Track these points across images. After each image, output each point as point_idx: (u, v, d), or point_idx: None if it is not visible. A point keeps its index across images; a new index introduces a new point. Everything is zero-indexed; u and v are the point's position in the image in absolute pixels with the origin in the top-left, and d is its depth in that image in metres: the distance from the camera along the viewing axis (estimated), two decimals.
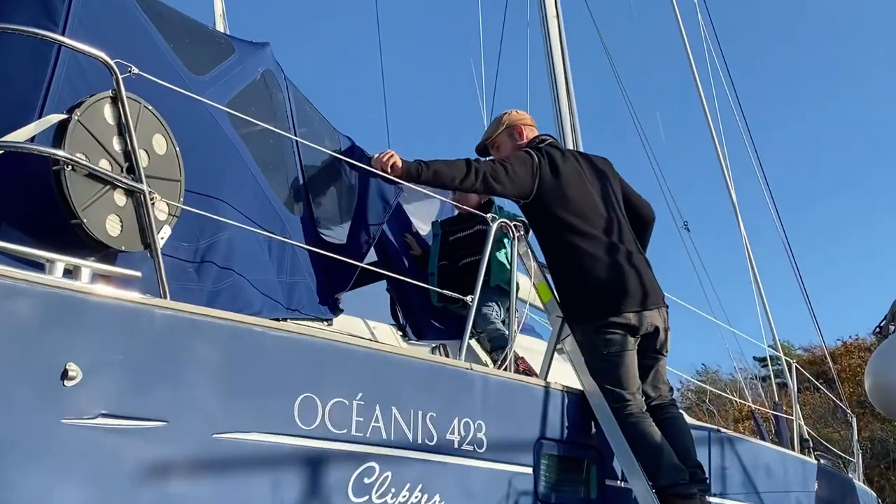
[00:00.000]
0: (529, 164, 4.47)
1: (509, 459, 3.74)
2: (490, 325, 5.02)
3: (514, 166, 4.41)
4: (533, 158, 4.50)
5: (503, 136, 4.94)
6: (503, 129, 4.94)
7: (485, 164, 4.35)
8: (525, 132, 4.90)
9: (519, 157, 4.50)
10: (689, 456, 4.25)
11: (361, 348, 3.33)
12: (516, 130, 4.91)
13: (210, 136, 3.72)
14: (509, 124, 4.94)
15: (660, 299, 4.50)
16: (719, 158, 9.88)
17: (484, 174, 4.29)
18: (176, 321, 2.73)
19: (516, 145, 4.85)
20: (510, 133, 4.92)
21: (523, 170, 4.43)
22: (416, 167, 4.23)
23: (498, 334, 5.00)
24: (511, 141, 4.90)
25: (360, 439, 3.16)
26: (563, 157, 4.64)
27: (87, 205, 2.80)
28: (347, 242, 4.29)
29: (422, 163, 4.25)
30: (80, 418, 2.46)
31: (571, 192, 4.49)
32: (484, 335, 5.05)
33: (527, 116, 5.03)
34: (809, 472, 6.60)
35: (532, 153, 4.54)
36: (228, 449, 2.79)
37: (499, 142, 4.96)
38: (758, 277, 8.97)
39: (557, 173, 4.51)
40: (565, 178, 4.52)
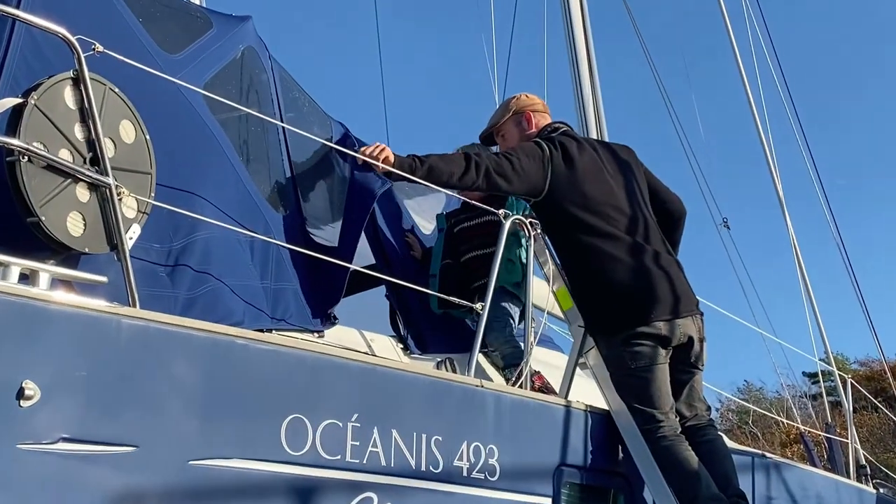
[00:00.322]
0: (539, 156, 4.46)
1: (526, 489, 3.74)
2: (502, 337, 4.94)
3: (522, 159, 4.40)
4: (543, 150, 4.49)
5: (509, 124, 4.94)
6: (510, 115, 4.94)
7: (488, 157, 4.34)
8: (535, 119, 4.89)
9: (527, 149, 4.48)
10: (729, 484, 4.23)
11: (357, 363, 3.34)
12: (524, 117, 4.91)
13: (185, 122, 3.72)
14: (517, 110, 4.94)
15: (693, 306, 4.49)
16: (764, 148, 9.86)
17: (486, 169, 4.27)
18: (147, 332, 2.73)
19: (525, 134, 4.85)
20: (518, 121, 4.92)
21: (532, 163, 4.42)
22: (410, 163, 4.21)
23: (511, 349, 4.90)
24: (518, 129, 4.90)
25: (355, 466, 3.16)
26: (579, 147, 4.63)
27: (46, 201, 2.80)
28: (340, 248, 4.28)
29: (416, 158, 4.24)
30: (39, 443, 2.47)
31: (589, 188, 4.48)
32: (496, 352, 5.00)
33: (537, 101, 5.02)
34: (868, 502, 6.58)
35: (542, 144, 4.53)
36: (207, 477, 2.79)
37: (505, 130, 4.96)
38: (807, 281, 8.95)
39: (572, 166, 4.50)
40: (581, 172, 4.51)
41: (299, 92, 4.72)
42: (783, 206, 9.30)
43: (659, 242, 4.57)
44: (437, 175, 4.24)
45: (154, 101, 3.44)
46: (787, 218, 9.33)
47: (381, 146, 4.24)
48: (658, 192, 4.87)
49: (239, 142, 4.12)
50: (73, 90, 2.94)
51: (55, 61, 3.09)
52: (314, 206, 4.63)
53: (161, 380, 2.75)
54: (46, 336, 2.53)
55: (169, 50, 3.83)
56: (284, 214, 4.26)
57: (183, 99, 3.71)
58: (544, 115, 4.95)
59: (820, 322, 8.93)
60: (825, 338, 9.07)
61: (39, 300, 2.54)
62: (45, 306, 2.54)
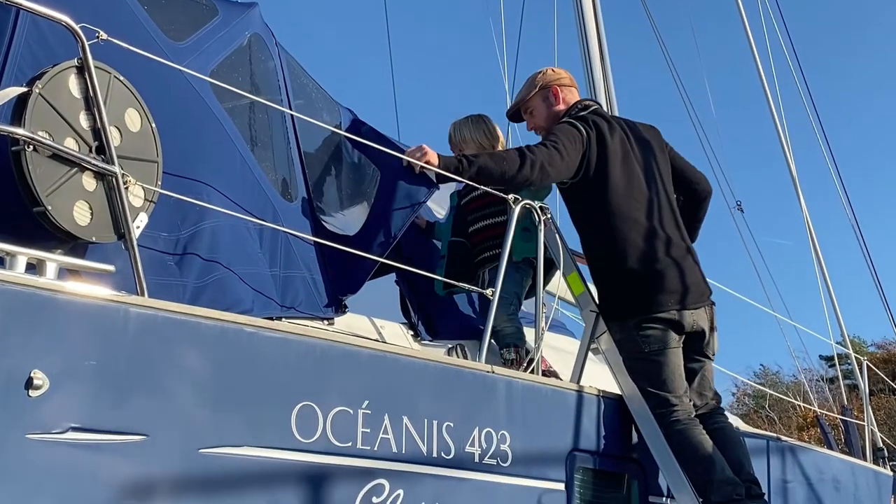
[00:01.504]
0: (578, 139, 4.45)
1: (538, 474, 3.74)
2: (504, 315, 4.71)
3: (568, 146, 4.38)
4: (581, 132, 4.48)
5: (537, 100, 4.90)
6: (537, 90, 4.90)
7: (539, 150, 4.29)
8: (562, 94, 4.86)
9: (568, 134, 4.45)
10: (742, 469, 4.22)
11: (367, 350, 3.33)
12: (551, 92, 4.87)
13: (191, 110, 3.72)
14: (543, 85, 4.89)
15: (706, 296, 4.52)
16: (777, 130, 9.80)
17: (542, 164, 4.24)
18: (155, 321, 2.73)
19: (553, 111, 4.83)
20: (545, 96, 4.88)
21: (573, 146, 4.41)
22: (457, 164, 4.18)
23: (512, 329, 4.75)
24: (546, 105, 4.87)
25: (367, 453, 3.16)
26: (610, 127, 4.62)
27: (52, 190, 2.80)
28: (361, 240, 4.23)
29: (464, 158, 4.21)
30: (48, 433, 2.47)
31: (618, 172, 4.49)
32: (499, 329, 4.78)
33: (564, 75, 4.98)
34: (884, 484, 6.56)
35: (579, 126, 4.51)
36: (217, 465, 2.79)
37: (532, 105, 4.92)
38: (822, 262, 8.91)
39: (604, 148, 4.51)
40: (612, 155, 4.51)
41: (307, 78, 4.72)
42: (797, 188, 9.25)
43: (676, 229, 4.58)
44: (487, 175, 4.20)
45: (160, 89, 3.44)
46: (801, 199, 9.28)
47: (424, 148, 4.20)
48: (684, 172, 4.87)
49: (246, 129, 4.11)
50: (77, 79, 2.94)
51: (59, 50, 3.09)
52: (324, 194, 4.62)
53: (170, 368, 2.75)
54: (54, 325, 2.53)
55: (174, 37, 3.83)
56: (293, 202, 4.26)
57: (189, 87, 3.71)
58: (571, 90, 4.92)
59: (836, 304, 8.89)
60: (841, 320, 9.02)
61: (47, 290, 2.53)
62: (52, 296, 2.54)
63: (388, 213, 4.27)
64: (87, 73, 2.93)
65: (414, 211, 4.28)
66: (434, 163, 4.17)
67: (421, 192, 4.25)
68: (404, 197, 4.27)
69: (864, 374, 8.13)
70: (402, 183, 4.28)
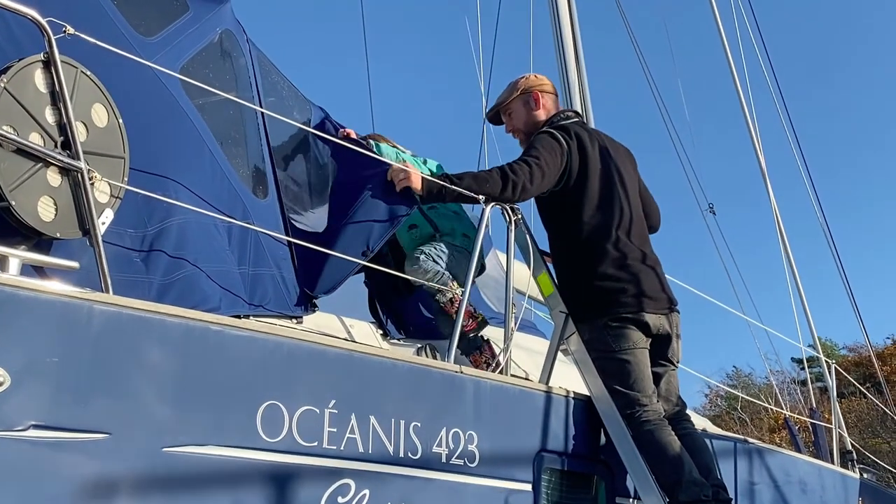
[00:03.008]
0: (559, 153, 4.51)
1: (506, 475, 3.74)
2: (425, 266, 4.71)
3: (549, 162, 4.43)
4: (562, 145, 4.53)
5: (517, 103, 4.94)
6: (518, 94, 4.94)
7: (521, 170, 4.32)
8: (542, 101, 4.91)
9: (549, 148, 4.50)
10: (710, 474, 4.26)
11: (335, 349, 3.32)
12: (532, 97, 4.91)
13: (159, 106, 3.69)
14: (525, 89, 4.94)
15: (672, 304, 4.60)
16: (750, 132, 9.87)
17: (523, 185, 4.30)
18: (120, 318, 2.71)
19: (532, 115, 4.88)
20: (525, 100, 4.93)
21: (554, 161, 4.47)
22: (440, 188, 4.24)
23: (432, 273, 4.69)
24: (526, 109, 4.92)
25: (333, 453, 3.15)
26: (591, 141, 4.69)
27: (16, 185, 2.77)
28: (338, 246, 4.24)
29: (447, 179, 4.25)
30: (9, 430, 2.45)
31: (596, 184, 4.56)
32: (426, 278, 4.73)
33: (546, 82, 5.03)
34: (851, 487, 6.61)
35: (560, 139, 4.55)
36: (181, 465, 2.78)
37: (512, 108, 4.97)
38: (793, 265, 8.98)
39: (585, 160, 4.57)
40: (592, 167, 4.58)
41: (278, 76, 4.70)
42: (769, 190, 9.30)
43: (647, 243, 4.69)
44: (468, 198, 4.28)
45: (128, 84, 3.41)
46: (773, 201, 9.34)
47: (407, 169, 4.25)
48: (643, 200, 4.93)
49: (217, 126, 4.07)
50: (43, 73, 2.92)
51: (26, 44, 3.05)
52: (294, 192, 4.60)
53: (134, 366, 2.73)
54: (17, 322, 2.51)
55: (144, 32, 3.79)
56: (263, 200, 4.23)
57: (158, 82, 3.68)
58: (551, 97, 4.98)
59: (806, 307, 8.96)
60: (811, 323, 9.10)
61: (9, 286, 2.51)
62: (15, 292, 2.51)
63: (367, 223, 4.28)
64: (53, 68, 2.91)
65: (394, 225, 4.31)
66: (416, 186, 4.22)
67: (401, 208, 4.29)
68: (385, 210, 4.30)
69: (833, 375, 8.20)
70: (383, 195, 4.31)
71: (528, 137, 4.82)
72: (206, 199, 3.70)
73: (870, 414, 32.56)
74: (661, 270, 4.63)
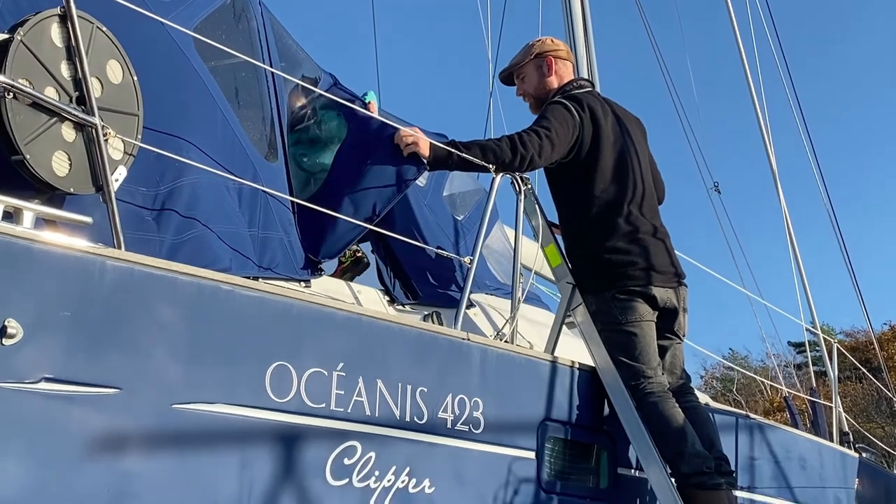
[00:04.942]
0: (571, 125, 4.47)
1: (509, 442, 3.76)
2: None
3: (560, 133, 4.39)
4: (574, 117, 4.49)
5: (530, 67, 4.91)
6: (531, 58, 4.90)
7: (531, 141, 4.29)
8: (555, 66, 4.86)
9: (561, 119, 4.46)
10: (713, 447, 4.28)
11: (343, 313, 3.33)
12: (546, 62, 4.87)
13: (173, 65, 3.68)
14: (539, 53, 4.89)
15: (680, 277, 4.60)
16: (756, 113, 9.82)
17: (532, 158, 4.27)
18: (132, 275, 2.71)
19: (544, 81, 4.85)
20: (538, 64, 4.88)
21: (566, 134, 4.43)
22: (447, 154, 4.22)
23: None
24: (538, 74, 4.88)
25: (340, 415, 3.16)
26: (603, 110, 4.65)
27: (31, 139, 2.76)
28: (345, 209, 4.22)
29: (454, 147, 4.23)
30: (21, 382, 2.46)
31: (607, 156, 4.54)
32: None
33: (562, 48, 4.98)
34: (850, 466, 6.63)
35: (573, 110, 4.51)
36: (190, 421, 2.79)
37: (525, 72, 4.93)
38: (795, 245, 8.96)
39: (597, 131, 4.54)
40: (605, 139, 4.55)
41: (290, 40, 4.68)
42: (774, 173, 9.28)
43: (656, 217, 4.68)
44: (475, 166, 4.26)
45: (142, 42, 3.40)
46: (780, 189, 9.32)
47: (414, 133, 4.23)
48: (652, 173, 4.89)
49: (229, 88, 4.07)
50: (59, 27, 2.90)
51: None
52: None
53: (145, 323, 2.73)
54: (30, 275, 2.51)
55: None
56: (274, 163, 4.23)
57: (172, 42, 3.67)
58: (566, 64, 4.93)
59: (807, 288, 8.95)
60: (812, 305, 9.09)
61: (23, 239, 2.51)
62: (28, 245, 2.51)
63: (374, 188, 4.27)
64: (69, 23, 2.89)
65: (401, 190, 4.29)
66: (424, 152, 4.20)
67: (410, 170, 4.27)
68: (392, 174, 4.28)
69: (834, 357, 8.21)
70: (391, 159, 4.29)
71: (538, 103, 4.80)
72: (218, 161, 3.70)
73: (865, 399, 32.71)
74: (670, 243, 4.63)
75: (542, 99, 4.77)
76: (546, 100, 4.72)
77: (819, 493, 5.92)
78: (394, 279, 4.92)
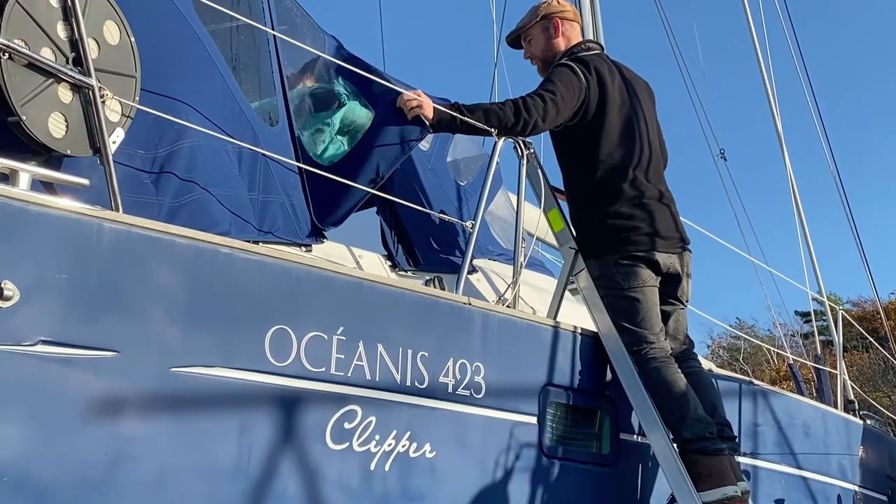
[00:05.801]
0: (577, 88, 4.41)
1: (511, 407, 3.75)
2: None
3: (565, 97, 4.34)
4: (580, 79, 4.43)
5: (537, 29, 4.84)
6: (538, 20, 4.83)
7: (535, 105, 4.24)
8: (562, 28, 4.79)
9: (567, 81, 4.40)
10: (716, 412, 4.27)
11: (344, 276, 3.31)
12: (552, 23, 4.79)
13: (172, 27, 3.63)
14: (545, 15, 4.82)
15: (685, 243, 4.58)
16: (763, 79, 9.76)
17: (535, 122, 4.23)
18: (129, 237, 2.70)
19: (551, 43, 4.78)
20: (545, 26, 4.82)
21: (571, 97, 4.38)
22: (450, 118, 4.19)
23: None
24: (545, 36, 4.81)
25: (340, 379, 3.16)
26: (610, 72, 4.59)
27: (27, 100, 2.73)
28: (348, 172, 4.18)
29: (458, 110, 4.20)
30: (18, 345, 2.45)
31: (614, 119, 4.49)
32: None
33: (569, 9, 4.90)
34: (854, 433, 6.63)
35: (579, 72, 4.46)
36: (189, 385, 2.79)
37: (531, 34, 4.87)
38: (801, 211, 8.92)
39: (604, 95, 4.48)
40: (611, 102, 4.50)
41: (291, 3, 4.63)
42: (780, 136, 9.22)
43: (662, 181, 4.63)
44: (480, 129, 4.23)
45: (140, 3, 3.37)
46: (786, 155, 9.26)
47: (420, 96, 4.21)
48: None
49: (228, 51, 4.04)
50: None
51: None
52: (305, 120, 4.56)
53: (143, 286, 2.72)
54: (26, 237, 2.50)
55: None
56: (274, 128, 4.20)
57: (170, 3, 3.63)
58: (573, 25, 4.85)
59: (813, 255, 8.90)
60: (818, 273, 9.05)
61: (19, 200, 2.49)
62: (25, 207, 2.50)
63: (377, 150, 4.25)
64: None
65: (404, 151, 4.26)
66: (428, 115, 4.17)
67: (414, 131, 4.24)
68: (396, 135, 4.25)
69: (840, 325, 8.20)
70: (395, 120, 4.26)
71: (545, 65, 4.75)
72: (217, 124, 3.67)
73: (871, 368, 32.71)
74: (675, 209, 4.59)
75: (550, 61, 4.72)
76: (553, 62, 4.67)
77: (822, 460, 5.92)
78: (397, 244, 4.90)
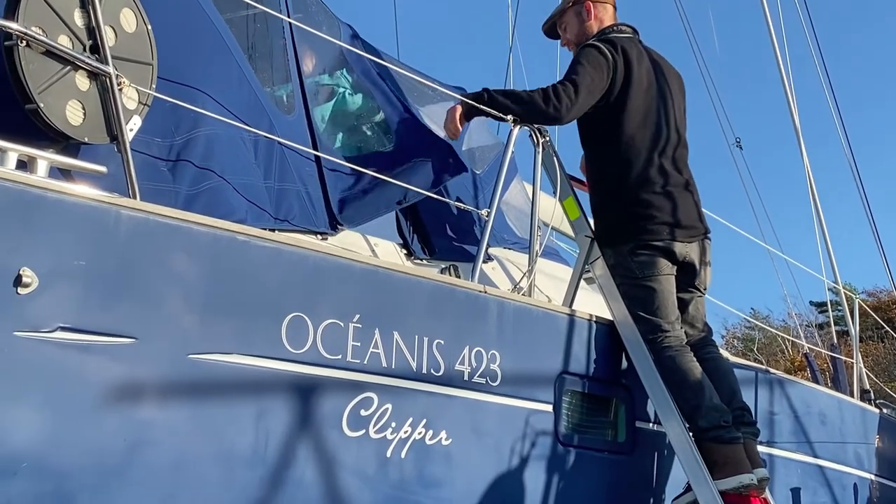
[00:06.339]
0: (605, 68, 4.35)
1: (527, 395, 3.75)
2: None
3: (594, 78, 4.30)
4: (607, 60, 4.37)
5: (570, 14, 4.77)
6: (570, 5, 4.76)
7: (565, 94, 4.20)
8: (595, 10, 4.69)
9: (595, 63, 4.34)
10: (734, 398, 4.27)
11: (360, 264, 3.31)
12: (584, 7, 4.70)
13: (189, 15, 3.64)
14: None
15: (701, 231, 4.53)
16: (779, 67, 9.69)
17: (565, 110, 4.20)
18: (147, 225, 2.71)
19: (584, 27, 4.70)
20: (578, 11, 4.73)
21: (600, 78, 4.33)
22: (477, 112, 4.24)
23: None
24: (578, 21, 4.73)
25: (356, 366, 3.16)
26: (639, 55, 4.53)
27: (45, 87, 2.74)
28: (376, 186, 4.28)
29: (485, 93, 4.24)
30: (36, 331, 2.46)
31: (639, 101, 4.43)
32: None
33: None
34: (870, 422, 6.61)
35: (606, 53, 4.39)
36: (206, 372, 2.79)
37: (566, 20, 4.79)
38: (817, 201, 8.86)
39: (630, 77, 4.42)
40: (636, 84, 4.44)
41: None
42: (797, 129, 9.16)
43: (686, 168, 4.57)
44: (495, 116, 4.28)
45: None
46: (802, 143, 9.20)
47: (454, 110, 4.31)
48: None
49: (245, 40, 4.04)
50: None
51: None
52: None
53: (161, 273, 2.73)
54: (45, 224, 2.50)
55: None
56: (290, 116, 4.21)
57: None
58: (606, 7, 4.74)
59: (829, 244, 8.85)
60: (834, 261, 9.00)
61: (38, 188, 2.50)
62: (43, 194, 2.50)
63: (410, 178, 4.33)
64: None
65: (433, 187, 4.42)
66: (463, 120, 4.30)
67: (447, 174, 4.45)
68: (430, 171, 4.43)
69: (856, 314, 8.17)
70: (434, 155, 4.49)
71: None
72: (234, 112, 3.67)
73: (886, 358, 32.59)
74: (697, 196, 4.54)
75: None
76: None
77: (839, 449, 5.91)
78: (412, 232, 4.91)
